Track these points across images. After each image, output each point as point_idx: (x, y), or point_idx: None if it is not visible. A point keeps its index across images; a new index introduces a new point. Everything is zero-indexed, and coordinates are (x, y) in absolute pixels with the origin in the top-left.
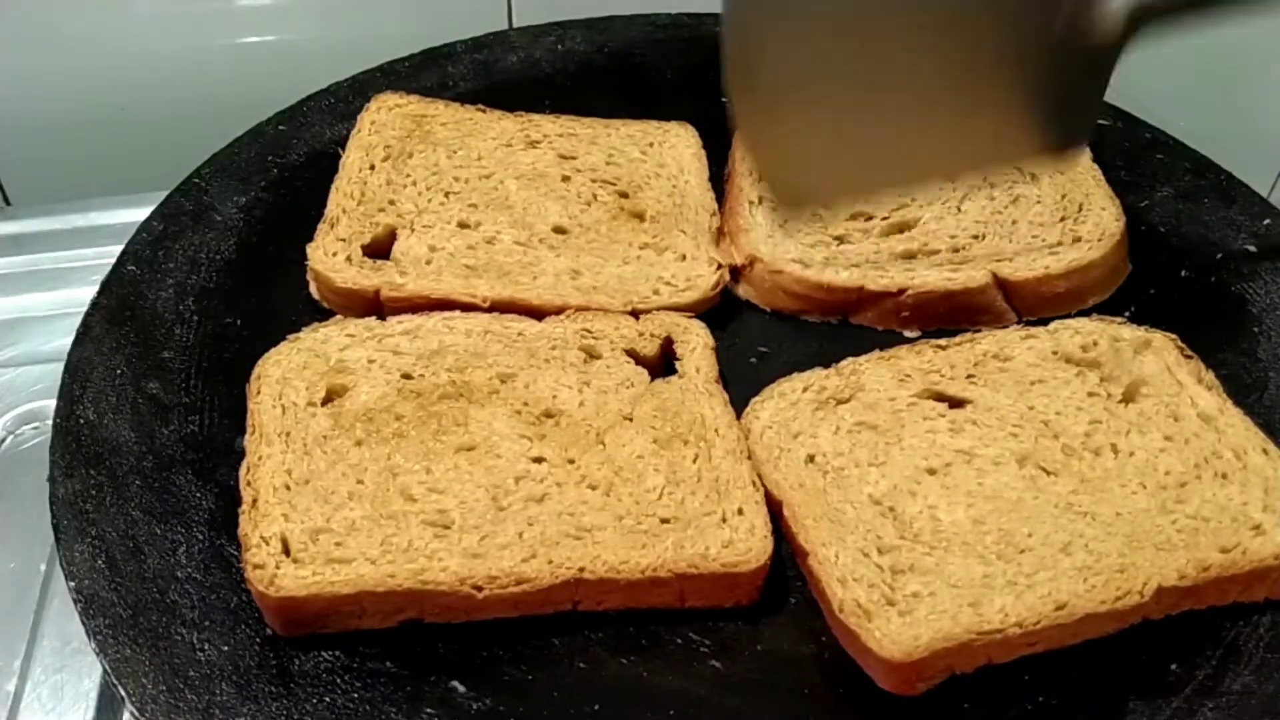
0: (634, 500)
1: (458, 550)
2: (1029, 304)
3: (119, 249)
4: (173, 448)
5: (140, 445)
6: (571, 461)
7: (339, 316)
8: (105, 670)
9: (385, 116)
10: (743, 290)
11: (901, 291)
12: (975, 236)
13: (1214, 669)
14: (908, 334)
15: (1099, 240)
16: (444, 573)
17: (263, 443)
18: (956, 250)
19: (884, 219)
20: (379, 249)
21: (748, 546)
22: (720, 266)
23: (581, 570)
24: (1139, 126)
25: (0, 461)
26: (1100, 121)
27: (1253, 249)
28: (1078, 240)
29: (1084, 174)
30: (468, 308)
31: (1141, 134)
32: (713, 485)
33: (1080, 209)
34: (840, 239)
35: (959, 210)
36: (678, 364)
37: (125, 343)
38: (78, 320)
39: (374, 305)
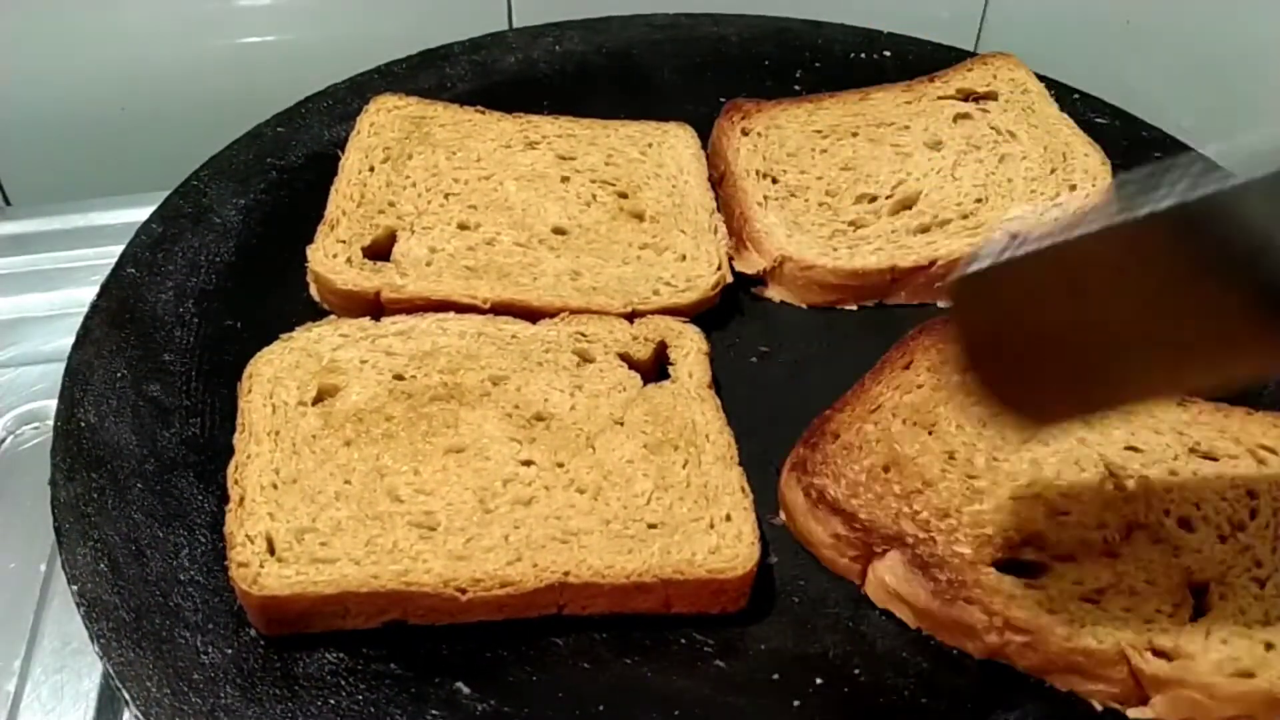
0: (622, 505)
1: (442, 552)
2: None
3: (119, 249)
4: (174, 450)
5: (141, 448)
6: (560, 465)
7: (333, 317)
8: (109, 674)
9: (384, 118)
10: (773, 292)
11: (932, 264)
12: (979, 200)
13: None
14: (941, 305)
15: (1094, 185)
16: (428, 574)
17: (251, 441)
18: (966, 216)
19: (887, 197)
20: (379, 251)
21: (734, 553)
22: (720, 267)
23: (566, 574)
24: (1137, 125)
25: (0, 462)
26: (1098, 120)
27: None
28: (1074, 188)
29: (1057, 124)
30: (468, 309)
31: (1139, 132)
32: (701, 491)
33: (1064, 158)
34: (854, 224)
35: (954, 178)
36: (671, 369)
37: (125, 345)
38: (78, 321)
39: (374, 307)
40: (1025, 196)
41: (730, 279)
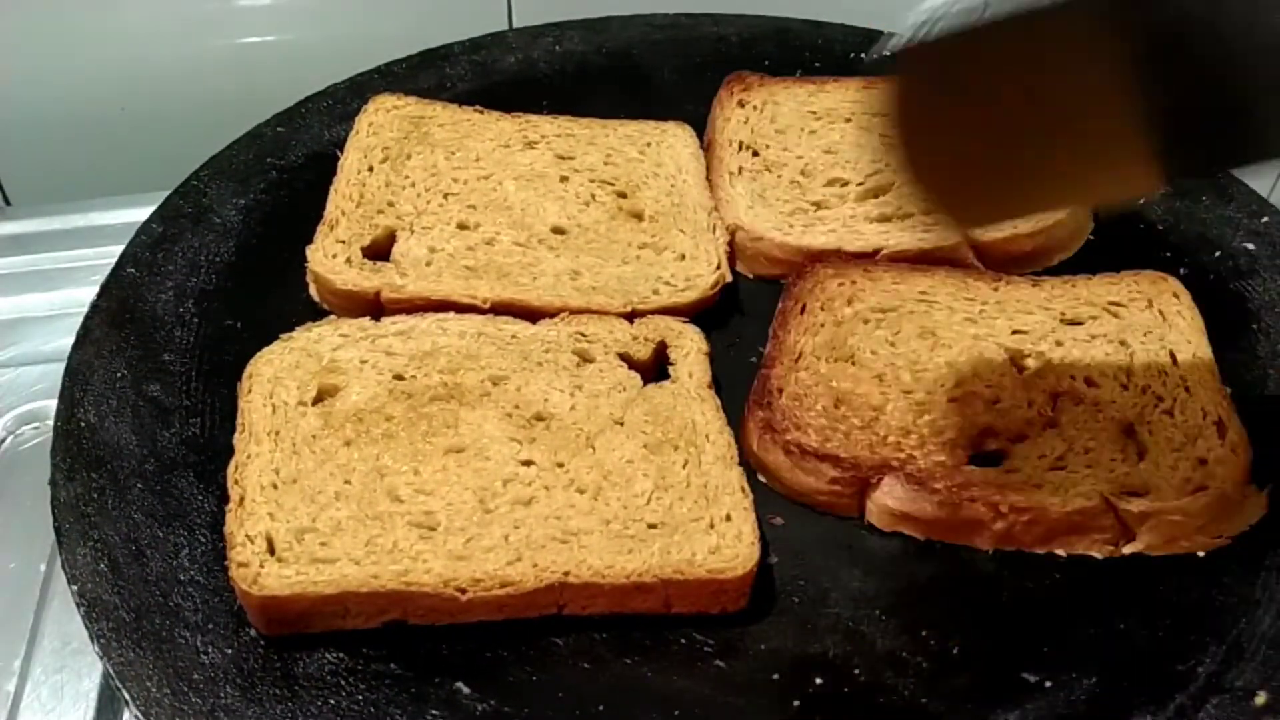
0: (622, 505)
1: (442, 552)
2: (999, 262)
3: (119, 249)
4: (174, 450)
5: (141, 448)
6: (560, 465)
7: (333, 316)
8: (109, 674)
9: (383, 118)
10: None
11: (876, 252)
12: None
13: (1217, 666)
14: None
15: None
16: (428, 574)
17: (251, 441)
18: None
19: (859, 185)
20: (379, 251)
21: (734, 553)
22: (719, 266)
23: (566, 574)
24: None
25: (0, 462)
26: None
27: (1251, 247)
28: None
29: None
30: (468, 309)
31: None
32: (701, 491)
33: None
34: (818, 205)
35: None
36: (671, 369)
37: (125, 345)
38: (78, 321)
39: (374, 307)
40: None
41: (730, 278)
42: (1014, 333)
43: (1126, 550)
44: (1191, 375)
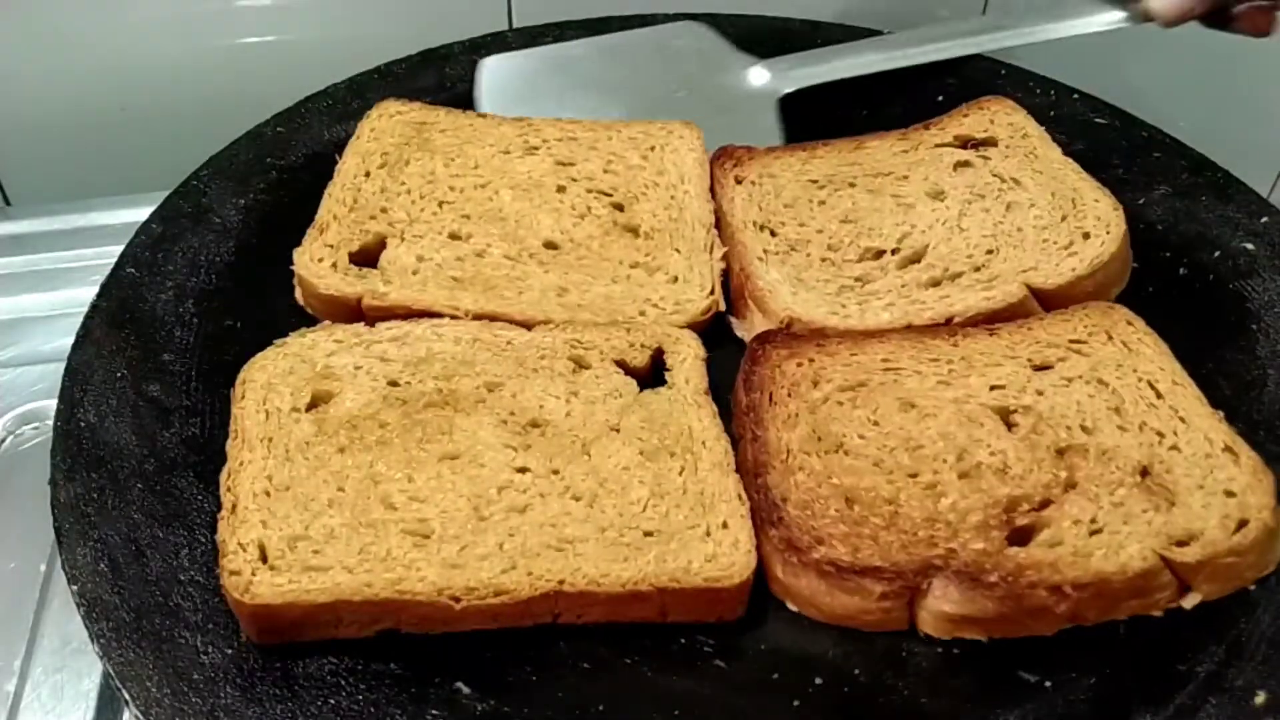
0: (617, 512)
1: (436, 560)
2: (1060, 306)
3: (119, 249)
4: (174, 450)
5: (141, 448)
6: (556, 472)
7: (326, 322)
8: (109, 674)
9: (386, 124)
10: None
11: (948, 321)
12: (989, 251)
13: (1217, 665)
14: None
15: (1108, 231)
16: (421, 583)
17: (244, 448)
18: (979, 269)
19: (894, 251)
20: (368, 257)
21: (731, 561)
22: (713, 291)
23: (561, 583)
24: (1136, 125)
25: (0, 462)
26: (1097, 120)
27: (1250, 246)
28: (1087, 236)
29: (1063, 169)
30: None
31: (1139, 132)
32: (698, 498)
33: (1074, 204)
34: (860, 279)
35: (961, 228)
36: (667, 375)
37: (125, 345)
38: (78, 321)
39: (357, 313)
40: (1037, 246)
41: (723, 307)
42: (992, 389)
43: (1188, 604)
44: (1180, 404)
